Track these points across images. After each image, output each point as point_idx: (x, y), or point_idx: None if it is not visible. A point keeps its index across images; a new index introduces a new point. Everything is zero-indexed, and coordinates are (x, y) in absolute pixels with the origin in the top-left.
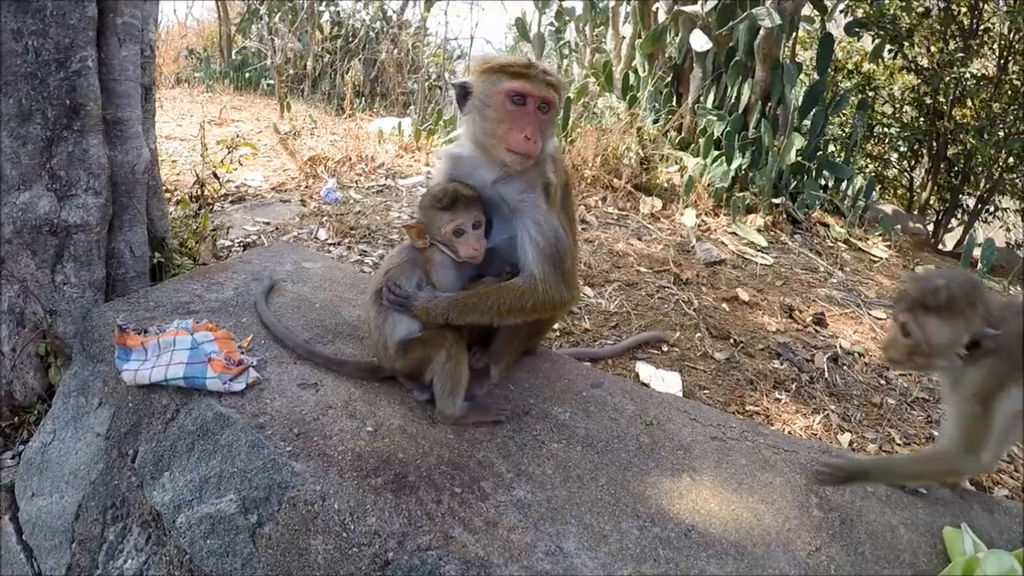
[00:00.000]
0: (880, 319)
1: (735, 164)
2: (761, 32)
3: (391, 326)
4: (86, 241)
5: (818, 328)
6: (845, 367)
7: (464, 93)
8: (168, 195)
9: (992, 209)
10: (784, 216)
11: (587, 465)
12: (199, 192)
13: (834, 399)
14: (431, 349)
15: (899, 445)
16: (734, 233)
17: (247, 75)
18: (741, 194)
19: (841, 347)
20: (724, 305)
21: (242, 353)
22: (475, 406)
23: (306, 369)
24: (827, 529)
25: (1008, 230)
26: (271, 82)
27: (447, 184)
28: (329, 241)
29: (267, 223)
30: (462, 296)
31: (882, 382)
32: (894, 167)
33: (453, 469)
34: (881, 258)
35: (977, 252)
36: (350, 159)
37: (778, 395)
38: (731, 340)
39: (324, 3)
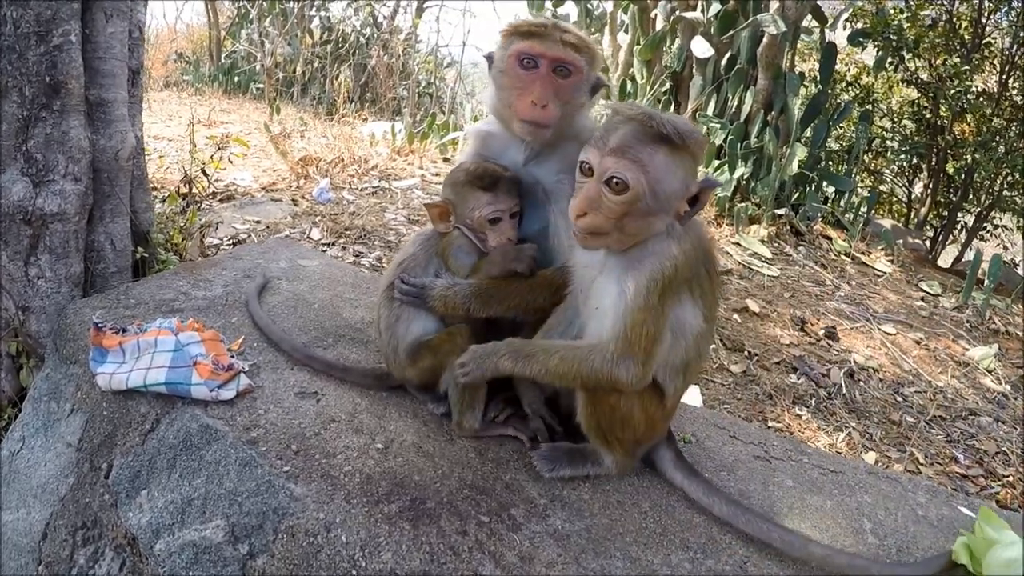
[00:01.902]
0: (891, 334)
1: (737, 173)
2: (764, 39)
3: (404, 327)
4: (63, 231)
5: (830, 342)
6: (861, 382)
7: (491, 65)
8: (155, 192)
9: (991, 227)
10: (787, 228)
11: (627, 488)
12: (187, 189)
13: (854, 416)
14: (443, 356)
15: (923, 465)
16: (738, 243)
17: (236, 79)
18: (743, 204)
19: (855, 362)
20: (735, 316)
21: (232, 357)
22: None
23: (304, 376)
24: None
25: (1005, 248)
26: (260, 86)
27: (484, 162)
28: (323, 241)
29: (257, 221)
30: (485, 284)
31: (899, 399)
32: (891, 182)
33: (478, 494)
34: (884, 273)
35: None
36: (342, 160)
37: (798, 411)
38: (746, 352)
39: (314, 8)
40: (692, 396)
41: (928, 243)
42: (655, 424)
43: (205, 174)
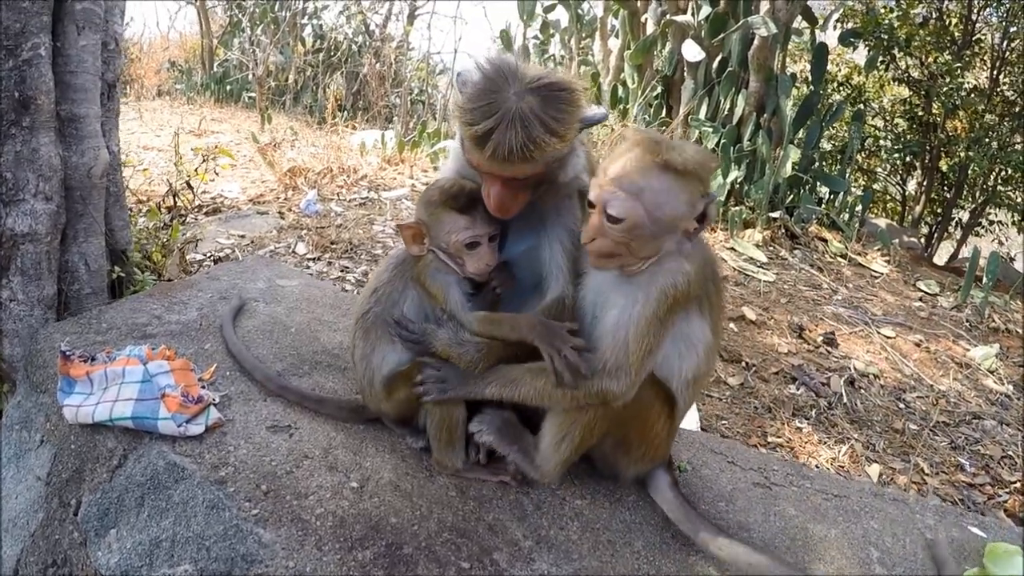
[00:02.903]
0: (890, 338)
1: (731, 177)
2: (755, 42)
3: (380, 358)
4: (35, 252)
5: (829, 348)
6: (862, 390)
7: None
8: (139, 206)
9: (986, 223)
10: (782, 231)
11: (618, 526)
12: (171, 203)
13: (856, 426)
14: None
15: (928, 475)
16: (733, 248)
17: (228, 87)
18: (737, 208)
19: (855, 369)
20: (732, 325)
21: (203, 387)
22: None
23: (278, 408)
24: None
25: (1000, 243)
26: (252, 94)
27: (461, 180)
28: (308, 255)
29: (242, 236)
30: (496, 348)
31: (901, 405)
32: (885, 180)
33: (458, 537)
34: (882, 273)
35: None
36: (331, 171)
37: (799, 424)
38: (743, 363)
39: (307, 17)
40: (690, 419)
41: (923, 241)
42: (666, 441)
43: (190, 187)
